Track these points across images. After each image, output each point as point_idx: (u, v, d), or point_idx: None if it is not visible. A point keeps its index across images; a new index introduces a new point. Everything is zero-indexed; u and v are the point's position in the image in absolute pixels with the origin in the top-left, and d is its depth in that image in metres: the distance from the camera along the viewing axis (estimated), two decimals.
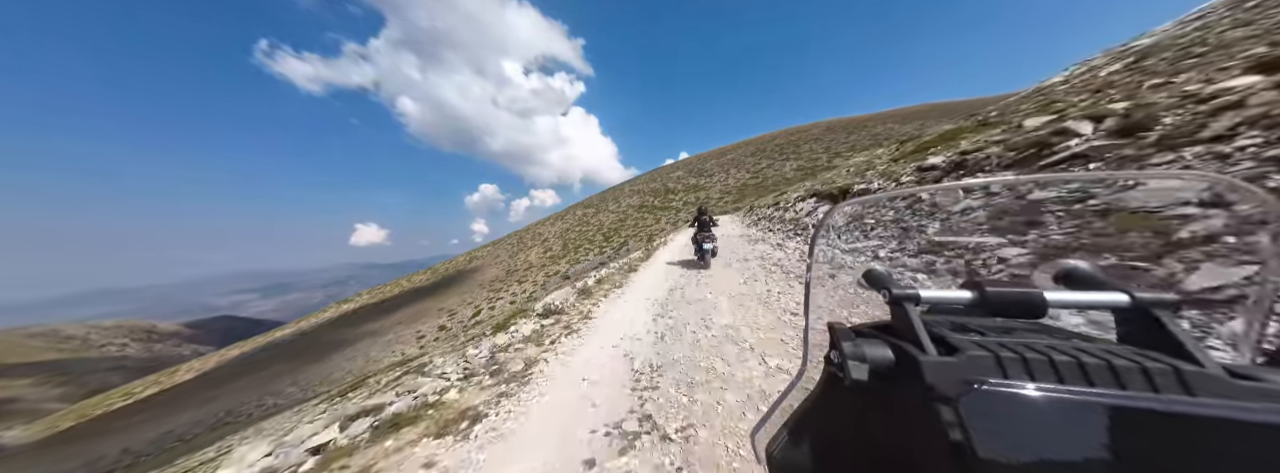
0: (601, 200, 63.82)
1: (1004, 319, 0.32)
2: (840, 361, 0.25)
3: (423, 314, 32.25)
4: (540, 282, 28.32)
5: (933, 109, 62.00)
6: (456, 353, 4.56)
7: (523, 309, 7.31)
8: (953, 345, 0.24)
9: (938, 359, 0.22)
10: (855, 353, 0.25)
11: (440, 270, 59.36)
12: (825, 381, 0.31)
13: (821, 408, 0.31)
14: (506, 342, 4.07)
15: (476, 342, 4.80)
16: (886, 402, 0.25)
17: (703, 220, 6.45)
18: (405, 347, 24.03)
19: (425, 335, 25.22)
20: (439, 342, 22.58)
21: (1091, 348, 0.23)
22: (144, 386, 50.41)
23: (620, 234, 36.04)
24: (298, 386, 22.31)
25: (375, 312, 41.71)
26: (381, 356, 23.69)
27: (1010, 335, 0.27)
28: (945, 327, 0.28)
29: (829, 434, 0.30)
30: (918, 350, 0.24)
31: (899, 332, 0.27)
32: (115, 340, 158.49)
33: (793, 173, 42.83)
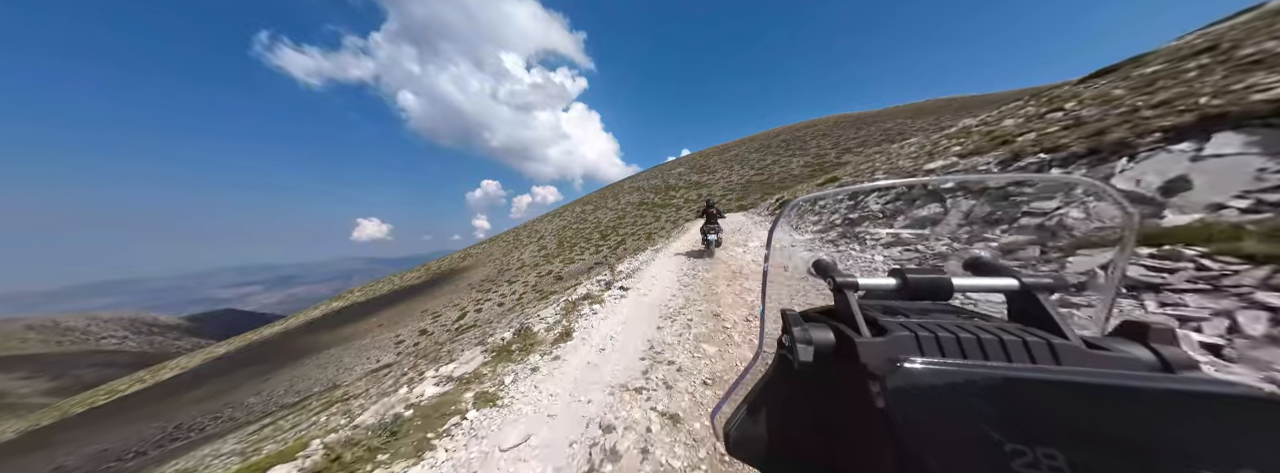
0: (600, 197, 61.79)
1: (921, 302, 0.37)
2: (790, 344, 0.28)
3: (405, 316, 30.35)
4: (531, 283, 26.36)
5: (948, 104, 59.35)
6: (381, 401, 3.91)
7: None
8: (882, 327, 0.28)
9: (870, 340, 0.26)
10: (803, 336, 0.28)
11: (433, 268, 57.57)
12: (777, 362, 0.34)
13: (774, 388, 0.34)
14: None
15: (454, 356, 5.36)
16: (830, 380, 0.28)
17: (710, 213, 6.86)
18: (381, 353, 22.11)
19: (404, 340, 23.29)
20: (416, 348, 20.67)
21: (988, 326, 0.28)
22: (129, 383, 49.14)
23: (618, 232, 34.16)
24: (259, 396, 20.45)
25: (360, 311, 39.99)
26: (354, 363, 21.77)
27: (928, 317, 0.31)
28: (878, 310, 0.33)
29: (781, 412, 0.33)
30: (854, 333, 0.27)
31: (841, 316, 0.31)
32: (115, 333, 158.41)
33: (800, 169, 40.74)
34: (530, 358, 3.42)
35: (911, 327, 0.27)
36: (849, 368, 0.25)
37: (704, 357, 2.95)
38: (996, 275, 0.32)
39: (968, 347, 0.25)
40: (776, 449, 0.32)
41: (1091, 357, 0.23)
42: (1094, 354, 0.23)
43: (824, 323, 0.30)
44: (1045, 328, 0.27)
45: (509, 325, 6.22)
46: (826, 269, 0.36)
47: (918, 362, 0.22)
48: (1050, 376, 0.20)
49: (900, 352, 0.24)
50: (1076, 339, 0.24)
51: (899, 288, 0.33)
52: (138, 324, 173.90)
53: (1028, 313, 0.30)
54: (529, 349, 3.67)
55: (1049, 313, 0.28)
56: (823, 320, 0.31)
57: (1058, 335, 0.25)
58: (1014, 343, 0.24)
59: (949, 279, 0.32)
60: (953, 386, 0.21)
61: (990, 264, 0.35)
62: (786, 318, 0.31)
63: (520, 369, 3.25)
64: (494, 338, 4.94)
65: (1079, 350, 0.23)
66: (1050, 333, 0.26)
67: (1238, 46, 4.19)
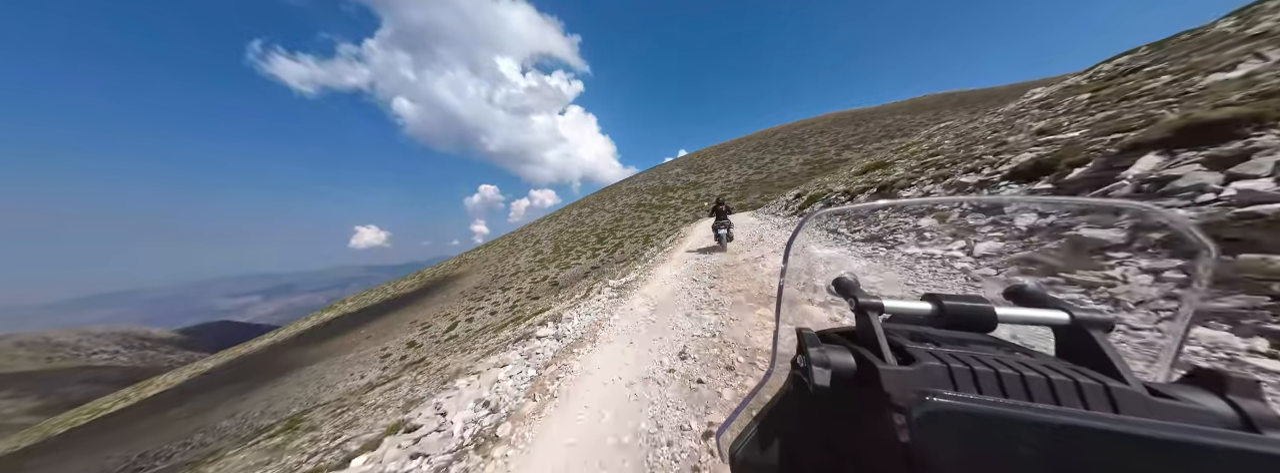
0: (598, 200, 60.80)
1: (958, 332, 0.34)
2: (805, 365, 0.26)
3: (394, 327, 29.04)
4: (525, 290, 25.16)
5: (946, 99, 58.83)
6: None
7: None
8: (910, 355, 0.25)
9: (896, 368, 0.24)
10: (820, 359, 0.25)
11: (427, 276, 56.24)
12: (790, 384, 0.32)
13: (785, 411, 0.32)
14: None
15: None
16: (847, 407, 0.26)
17: (720, 210, 7.25)
18: (367, 368, 20.81)
19: (391, 353, 22.00)
20: (403, 362, 19.38)
21: (1032, 362, 0.25)
22: (113, 401, 47.57)
23: (615, 235, 33.12)
24: (234, 419, 19.08)
25: (350, 322, 38.61)
26: (337, 379, 20.45)
27: (963, 347, 0.29)
28: (904, 336, 0.30)
29: (791, 437, 0.31)
30: (878, 359, 0.25)
31: (862, 339, 0.29)
32: (107, 348, 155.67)
33: (799, 167, 40.01)
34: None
35: (943, 357, 0.24)
36: (870, 397, 0.23)
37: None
38: (1044, 307, 0.29)
39: (1008, 384, 0.22)
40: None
41: (1157, 406, 0.20)
42: (1159, 404, 0.20)
43: (843, 346, 0.28)
44: (1099, 369, 0.24)
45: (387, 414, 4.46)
46: (848, 288, 0.33)
47: (949, 396, 0.20)
48: (1108, 424, 0.17)
49: (929, 384, 0.22)
50: (1138, 385, 0.22)
51: (934, 315, 0.30)
52: (130, 339, 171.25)
53: (1078, 352, 0.27)
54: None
55: (1105, 353, 0.25)
56: (842, 343, 0.29)
57: (1115, 379, 0.22)
58: (1064, 384, 0.22)
59: (992, 308, 0.29)
60: (989, 426, 0.18)
61: (1036, 295, 0.32)
62: (802, 338, 0.29)
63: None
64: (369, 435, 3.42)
65: (1141, 398, 0.21)
66: (1105, 375, 0.23)
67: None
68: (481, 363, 4.16)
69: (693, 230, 13.19)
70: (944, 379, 0.23)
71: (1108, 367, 0.24)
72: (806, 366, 0.26)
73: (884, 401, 0.22)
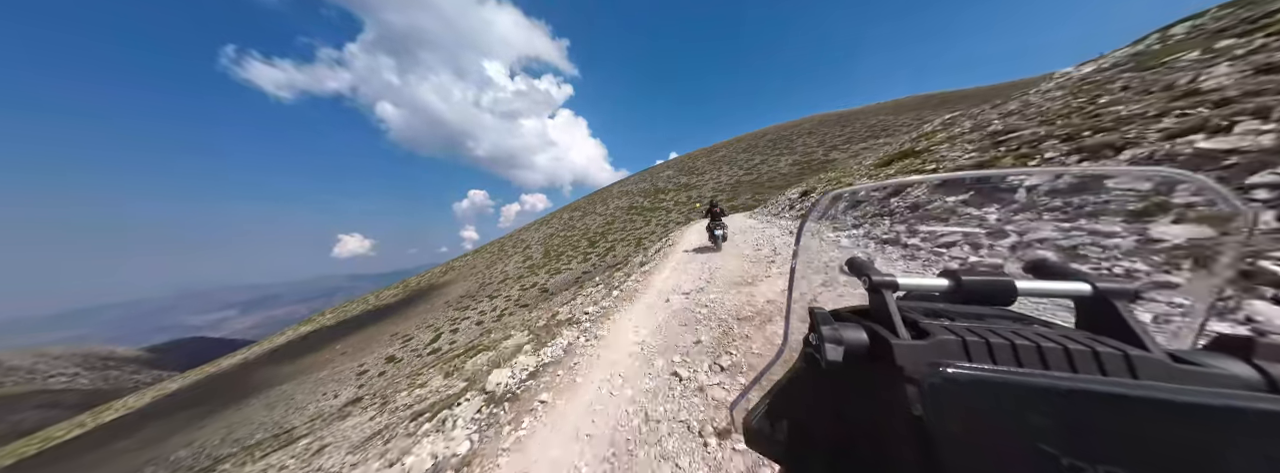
0: (589, 203, 59.82)
1: (976, 306, 0.34)
2: (818, 343, 0.26)
3: (372, 341, 27.33)
4: (514, 297, 23.93)
5: (927, 100, 60.15)
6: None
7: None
8: (923, 330, 0.25)
9: (909, 342, 0.24)
10: (833, 336, 0.26)
11: (412, 285, 54.10)
12: (803, 360, 0.32)
13: (798, 386, 0.33)
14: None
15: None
16: (859, 382, 0.26)
17: (714, 212, 7.55)
18: (341, 386, 19.24)
19: (368, 370, 20.46)
20: (382, 378, 17.94)
21: (1050, 333, 0.24)
22: (68, 428, 43.98)
23: (608, 238, 32.20)
24: (191, 448, 17.30)
25: (328, 336, 36.48)
26: (307, 400, 18.84)
27: (980, 322, 0.28)
28: (919, 313, 0.30)
29: (805, 410, 0.32)
30: (891, 334, 0.25)
31: (876, 317, 0.29)
32: (66, 370, 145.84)
33: (788, 168, 40.02)
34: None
35: (957, 331, 0.24)
36: (883, 372, 0.23)
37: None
38: (1065, 279, 0.29)
39: (1024, 354, 0.22)
40: (798, 447, 0.31)
41: (1180, 372, 0.20)
42: (1183, 369, 0.20)
43: (857, 323, 0.28)
44: (1121, 339, 0.24)
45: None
46: (861, 267, 0.33)
47: (963, 367, 0.20)
48: (1126, 390, 0.17)
49: (943, 356, 0.22)
50: (1160, 352, 0.21)
51: (951, 291, 0.30)
52: (91, 359, 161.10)
53: (1100, 322, 0.27)
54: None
55: (1127, 322, 0.25)
56: (856, 321, 0.29)
57: (1136, 347, 0.22)
58: (1082, 353, 0.21)
59: (1011, 281, 0.28)
60: (1002, 394, 0.18)
61: (1057, 267, 0.31)
62: (815, 316, 0.29)
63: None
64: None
65: (1163, 364, 0.20)
66: (1127, 344, 0.23)
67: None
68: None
69: (684, 235, 11.45)
70: (958, 352, 0.23)
71: (1130, 336, 0.24)
72: (819, 343, 0.26)
73: (897, 374, 0.22)
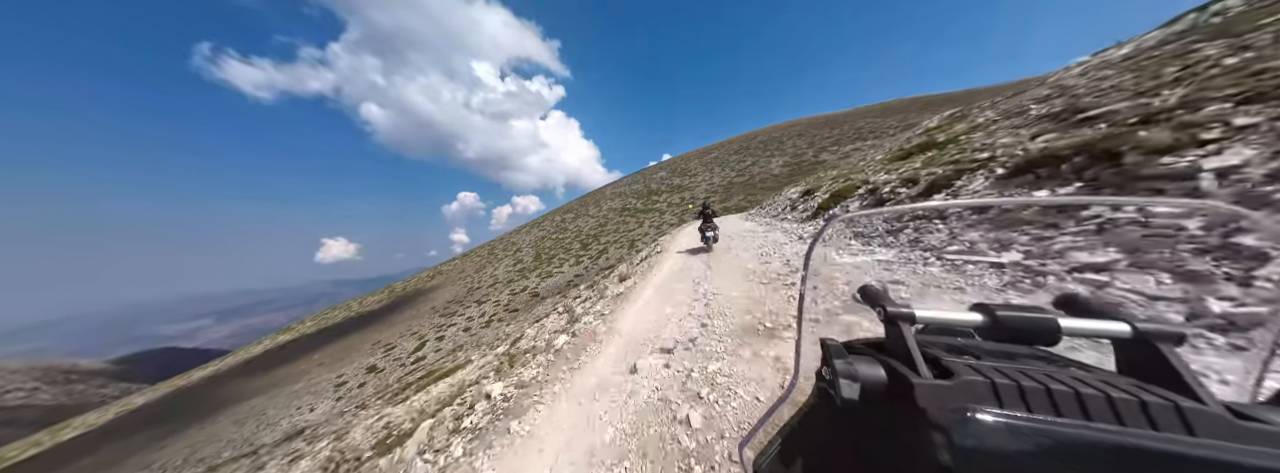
0: (581, 205, 59.09)
1: (1000, 344, 0.31)
2: (832, 378, 0.25)
3: (353, 350, 26.02)
4: (503, 302, 23.03)
5: (913, 103, 61.48)
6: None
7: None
8: (947, 368, 0.23)
9: (932, 382, 0.22)
10: (847, 371, 0.24)
11: (397, 291, 52.37)
12: (816, 396, 0.30)
13: (811, 424, 0.31)
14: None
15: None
16: (878, 422, 0.24)
17: (706, 214, 7.69)
18: (318, 399, 18.06)
19: (347, 381, 19.30)
20: (362, 389, 16.86)
21: (1089, 378, 0.22)
22: (22, 448, 40.99)
23: (600, 241, 31.56)
24: (150, 470, 15.92)
25: (307, 345, 34.79)
26: (280, 415, 17.61)
27: (1008, 361, 0.26)
28: (940, 348, 0.28)
29: (818, 451, 0.29)
30: (911, 372, 0.23)
31: (893, 351, 0.26)
32: (24, 385, 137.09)
33: (780, 169, 40.17)
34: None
35: (985, 371, 0.22)
36: (904, 413, 0.22)
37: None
38: (1100, 318, 0.26)
39: (1062, 401, 0.20)
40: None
41: (1243, 430, 0.18)
42: (1243, 426, 0.18)
43: (873, 358, 0.26)
44: (1169, 386, 0.21)
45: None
46: (876, 297, 0.30)
47: (996, 413, 0.18)
48: (1184, 449, 0.15)
49: (970, 400, 0.20)
50: (1217, 405, 0.19)
51: (985, 327, 0.27)
52: (52, 373, 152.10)
53: (1143, 367, 0.24)
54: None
55: (1175, 368, 0.22)
56: (872, 355, 0.27)
57: (1189, 398, 0.20)
58: (1127, 402, 0.19)
59: (1054, 320, 0.25)
60: (1042, 447, 0.16)
61: (1092, 304, 0.29)
62: (827, 349, 0.27)
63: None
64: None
65: (1222, 419, 0.18)
66: (1177, 394, 0.20)
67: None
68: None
69: (676, 239, 9.98)
70: (987, 395, 0.20)
71: (1179, 384, 0.21)
72: (833, 378, 0.24)
73: (919, 417, 0.20)
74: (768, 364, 2.27)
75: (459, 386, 4.58)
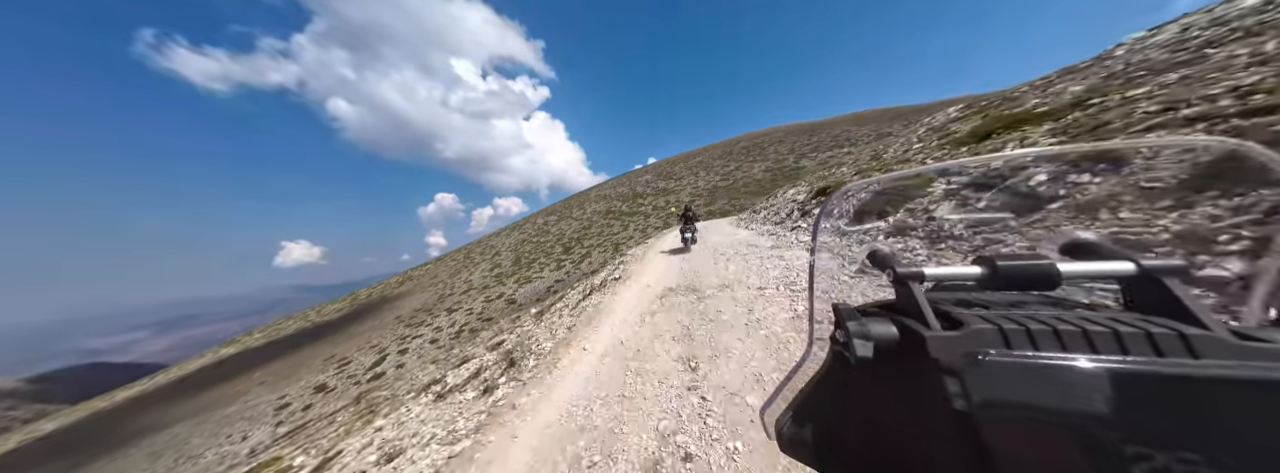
0: (565, 207, 57.37)
1: (1011, 293, 0.32)
2: (845, 340, 0.25)
3: (302, 366, 23.27)
4: (476, 310, 21.22)
5: (884, 113, 64.28)
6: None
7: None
8: (957, 320, 0.24)
9: (942, 334, 0.23)
10: (860, 331, 0.25)
11: (360, 298, 48.56)
12: (831, 359, 0.31)
13: (828, 385, 0.31)
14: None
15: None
16: (892, 378, 0.25)
17: (687, 216, 7.81)
18: (253, 426, 15.66)
19: (291, 403, 16.93)
20: (308, 412, 14.71)
21: (1097, 317, 0.23)
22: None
23: (583, 244, 30.22)
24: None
25: (253, 359, 31.19)
26: (206, 445, 15.13)
27: (1017, 309, 0.27)
28: (950, 303, 0.29)
29: (836, 410, 0.30)
30: (922, 327, 0.24)
31: (904, 310, 0.27)
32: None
33: (762, 174, 40.48)
34: None
35: (993, 319, 0.23)
36: (916, 365, 0.22)
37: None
38: (1107, 259, 0.27)
39: (1069, 340, 0.21)
40: (832, 450, 0.30)
41: (1246, 350, 0.19)
42: (1247, 346, 0.19)
43: (885, 317, 0.27)
44: (1175, 318, 0.22)
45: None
46: (885, 260, 0.31)
47: (1004, 355, 0.19)
48: (1187, 369, 0.16)
49: (981, 346, 0.21)
50: (1222, 330, 0.20)
51: (986, 277, 0.28)
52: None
53: (1150, 303, 0.25)
54: None
55: (1181, 300, 0.23)
56: (883, 314, 0.27)
57: (1194, 326, 0.21)
58: (1133, 335, 0.20)
59: (1053, 264, 0.26)
60: (1051, 381, 0.17)
61: (1097, 247, 0.29)
62: (840, 312, 0.28)
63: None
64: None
65: (1226, 343, 0.19)
66: (1183, 323, 0.21)
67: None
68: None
69: (650, 255, 7.69)
70: (996, 341, 0.21)
71: (1186, 315, 0.22)
72: (846, 339, 0.25)
73: (932, 368, 0.21)
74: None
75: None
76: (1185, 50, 4.60)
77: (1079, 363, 0.18)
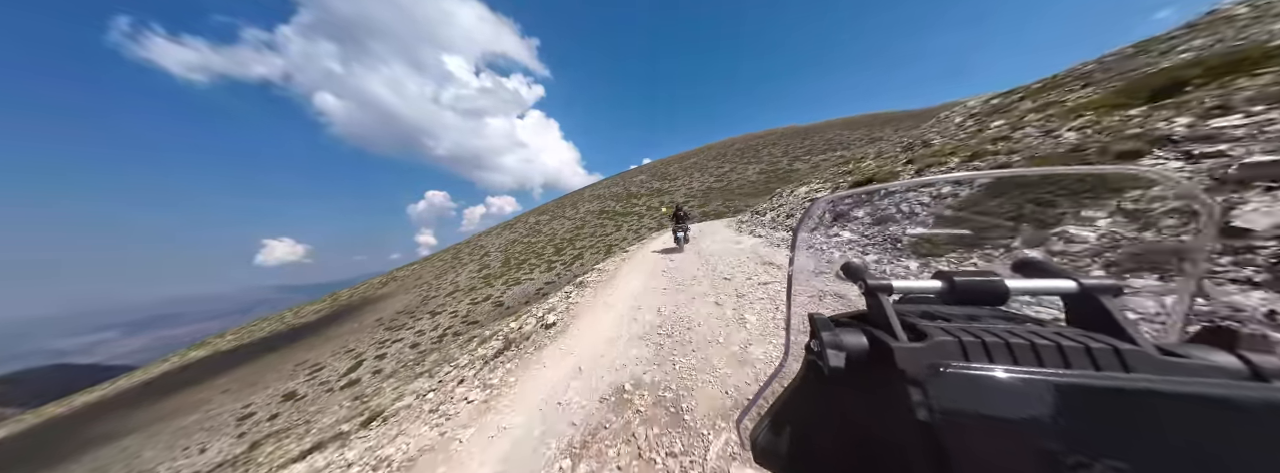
0: (558, 207, 56.46)
1: (970, 307, 0.35)
2: (820, 349, 0.26)
3: (271, 371, 21.93)
4: (461, 313, 20.25)
5: (875, 118, 65.18)
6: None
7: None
8: (922, 332, 0.25)
9: (908, 345, 0.24)
10: (833, 341, 0.26)
11: (341, 299, 46.77)
12: (806, 369, 0.32)
13: (803, 395, 0.32)
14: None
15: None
16: (863, 387, 0.26)
17: (679, 215, 8.22)
18: (212, 437, 14.47)
19: (256, 412, 15.74)
20: (273, 422, 13.59)
21: (1044, 331, 0.25)
22: None
23: (575, 245, 29.44)
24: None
25: (218, 364, 29.51)
26: (160, 458, 13.89)
27: (975, 322, 0.29)
28: (916, 315, 0.31)
29: (810, 419, 0.31)
30: (890, 338, 0.25)
31: (874, 320, 0.29)
32: None
33: (756, 176, 40.33)
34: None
35: (954, 331, 0.25)
36: (885, 375, 0.24)
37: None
38: (1053, 277, 0.29)
39: (1020, 353, 0.22)
40: (806, 460, 0.30)
41: (1167, 364, 0.21)
42: (1170, 362, 0.21)
43: (856, 328, 0.28)
44: (1110, 334, 0.24)
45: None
46: (857, 272, 0.33)
47: (963, 367, 0.21)
48: (1120, 383, 0.18)
49: (942, 357, 0.23)
50: (1148, 345, 0.22)
51: (944, 291, 0.30)
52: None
53: (1089, 318, 0.27)
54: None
55: (1114, 317, 0.25)
56: (855, 325, 0.29)
57: (1126, 341, 0.23)
58: (1074, 349, 0.22)
59: (1003, 281, 0.29)
60: (1003, 392, 0.19)
61: (1043, 265, 0.32)
62: (814, 322, 0.29)
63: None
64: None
65: (1150, 358, 0.21)
66: (1117, 338, 0.23)
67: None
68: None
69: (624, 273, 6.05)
70: (956, 352, 0.23)
71: (1118, 330, 0.24)
72: (821, 349, 0.26)
73: (899, 377, 0.22)
74: None
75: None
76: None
77: (1027, 375, 0.19)
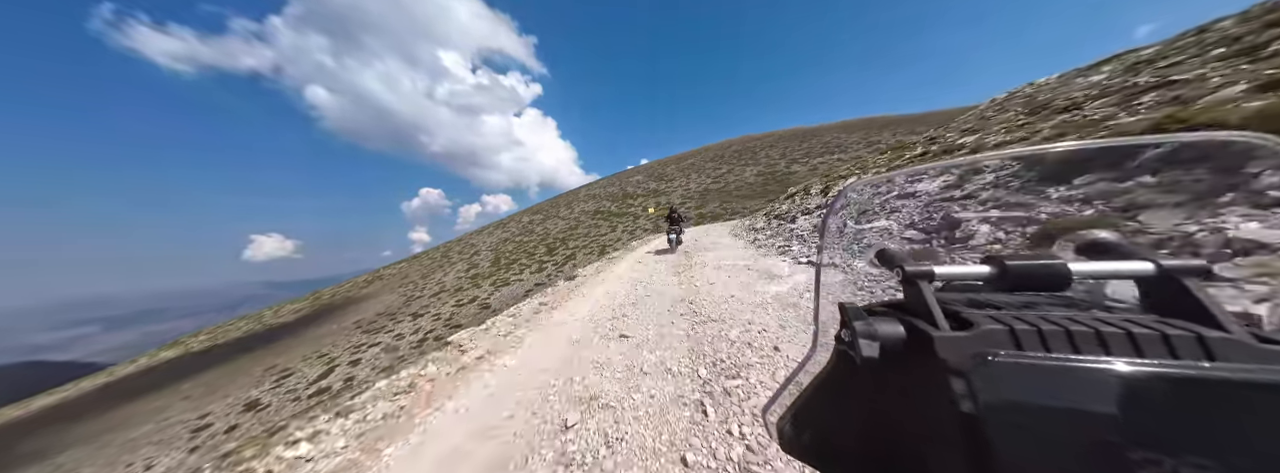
0: (552, 206, 55.35)
1: (1025, 294, 0.31)
2: (851, 339, 0.25)
3: (237, 377, 20.51)
4: (444, 316, 19.08)
5: (872, 122, 65.28)
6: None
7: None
8: (966, 321, 0.24)
9: (950, 334, 0.22)
10: (866, 331, 0.24)
11: (323, 299, 45.04)
12: (836, 359, 0.31)
13: (832, 385, 0.31)
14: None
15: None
16: (898, 379, 0.24)
17: (673, 217, 8.45)
18: (163, 451, 13.13)
19: (213, 423, 14.42)
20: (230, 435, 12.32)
21: (1111, 318, 0.22)
22: None
23: (568, 245, 28.38)
24: None
25: (185, 367, 27.88)
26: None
27: (1031, 310, 0.26)
28: (961, 303, 0.28)
29: (840, 411, 0.30)
30: (930, 327, 0.24)
31: (912, 309, 0.27)
32: None
33: (754, 178, 39.75)
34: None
35: (1004, 319, 0.23)
36: (923, 365, 0.22)
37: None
38: (1124, 258, 0.26)
39: (1081, 341, 0.20)
40: (835, 450, 0.29)
41: (1263, 352, 0.18)
42: (1267, 350, 0.18)
43: (892, 317, 0.26)
44: (1194, 320, 0.22)
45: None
46: (893, 258, 0.30)
47: (1013, 356, 0.19)
48: (1202, 372, 0.16)
49: (990, 347, 0.20)
50: (1242, 332, 0.20)
51: (995, 277, 0.27)
52: None
53: (1169, 304, 0.24)
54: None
55: (1201, 302, 0.22)
56: (890, 314, 0.27)
57: (1213, 328, 0.20)
58: (1147, 336, 0.20)
59: (1064, 264, 0.25)
60: (1060, 382, 0.17)
61: (1115, 246, 0.28)
62: (846, 311, 0.27)
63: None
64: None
65: (1245, 345, 0.19)
66: (1202, 325, 0.21)
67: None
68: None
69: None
70: (1006, 341, 0.21)
71: (1205, 317, 0.22)
72: (852, 339, 0.25)
73: (940, 368, 0.20)
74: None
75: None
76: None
77: (1090, 364, 0.17)
